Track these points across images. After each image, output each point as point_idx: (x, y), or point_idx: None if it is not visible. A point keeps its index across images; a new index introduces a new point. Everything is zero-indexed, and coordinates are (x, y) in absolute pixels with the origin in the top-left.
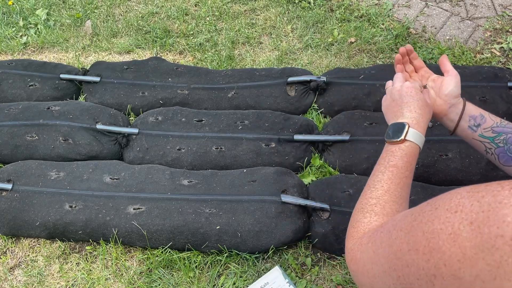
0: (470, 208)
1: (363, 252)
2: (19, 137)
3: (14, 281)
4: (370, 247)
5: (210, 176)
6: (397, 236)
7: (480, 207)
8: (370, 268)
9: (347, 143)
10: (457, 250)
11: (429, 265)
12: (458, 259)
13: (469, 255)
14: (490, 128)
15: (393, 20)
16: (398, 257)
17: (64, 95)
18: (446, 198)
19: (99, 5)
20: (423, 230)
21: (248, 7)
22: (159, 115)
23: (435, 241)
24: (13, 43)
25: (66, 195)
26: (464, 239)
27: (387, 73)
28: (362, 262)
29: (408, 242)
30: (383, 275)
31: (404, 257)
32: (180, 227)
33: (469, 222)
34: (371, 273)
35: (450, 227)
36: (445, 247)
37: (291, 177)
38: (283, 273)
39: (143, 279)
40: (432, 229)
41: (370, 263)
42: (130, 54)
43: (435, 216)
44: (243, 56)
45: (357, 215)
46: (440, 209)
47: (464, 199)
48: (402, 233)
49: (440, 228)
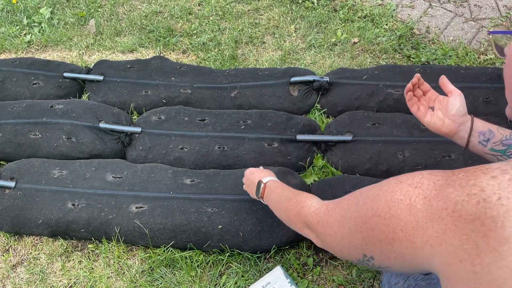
0: (427, 187)
1: (330, 216)
2: (22, 135)
3: (16, 278)
4: (338, 212)
5: (212, 175)
6: (364, 203)
7: (434, 187)
8: (338, 230)
9: (350, 144)
10: (412, 219)
11: (389, 230)
12: (413, 226)
13: (421, 224)
14: (500, 142)
15: (396, 20)
16: (364, 221)
17: (67, 93)
18: (410, 176)
19: (102, 4)
20: (386, 199)
21: (252, 7)
22: (162, 114)
23: (395, 209)
24: (17, 42)
25: (68, 193)
26: (418, 210)
27: (390, 74)
28: (329, 224)
29: (373, 208)
30: (350, 237)
31: (369, 221)
32: (182, 226)
33: (423, 197)
34: (339, 234)
35: (408, 199)
36: (403, 215)
37: (294, 177)
38: (285, 273)
39: (145, 277)
40: (394, 199)
41: (338, 226)
42: (134, 53)
43: (398, 189)
44: (246, 56)
45: (296, 209)
46: (404, 183)
47: (424, 179)
48: (368, 200)
49: (400, 199)
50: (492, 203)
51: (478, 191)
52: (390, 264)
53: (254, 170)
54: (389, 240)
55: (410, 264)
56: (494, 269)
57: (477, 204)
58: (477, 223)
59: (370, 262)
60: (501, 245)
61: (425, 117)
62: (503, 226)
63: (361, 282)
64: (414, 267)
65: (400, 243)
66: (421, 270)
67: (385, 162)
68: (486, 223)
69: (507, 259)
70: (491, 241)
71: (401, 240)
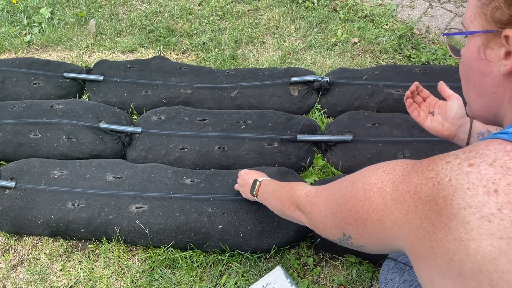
0: (397, 172)
1: (318, 197)
2: (22, 135)
3: (16, 278)
4: (324, 194)
5: (212, 175)
6: (345, 186)
7: (402, 173)
8: (323, 209)
9: (350, 144)
10: (381, 201)
11: (363, 210)
12: (382, 208)
13: (389, 205)
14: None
15: (397, 20)
16: (344, 202)
17: (67, 93)
18: (387, 163)
19: (103, 4)
20: (363, 182)
21: (252, 7)
22: (162, 114)
23: (369, 192)
24: (17, 42)
25: (69, 193)
26: (387, 193)
27: (391, 74)
28: (316, 204)
29: (352, 191)
30: (333, 216)
31: (348, 202)
32: (183, 226)
33: (392, 182)
34: (323, 214)
35: (380, 183)
36: (374, 198)
37: (294, 177)
38: (285, 273)
39: (145, 277)
40: (369, 183)
41: (323, 206)
42: (134, 53)
43: (374, 174)
44: (246, 56)
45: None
46: (379, 169)
47: (397, 166)
48: (349, 183)
49: (374, 183)
50: (443, 184)
51: (434, 175)
52: (365, 243)
53: (249, 171)
54: (363, 220)
55: (382, 243)
56: (445, 242)
57: (432, 186)
58: (433, 203)
59: (348, 241)
60: (450, 220)
61: (426, 122)
62: (452, 204)
63: (361, 282)
64: (387, 246)
65: (372, 223)
66: (393, 249)
67: None
68: (439, 202)
69: (455, 233)
70: (443, 218)
71: (373, 220)
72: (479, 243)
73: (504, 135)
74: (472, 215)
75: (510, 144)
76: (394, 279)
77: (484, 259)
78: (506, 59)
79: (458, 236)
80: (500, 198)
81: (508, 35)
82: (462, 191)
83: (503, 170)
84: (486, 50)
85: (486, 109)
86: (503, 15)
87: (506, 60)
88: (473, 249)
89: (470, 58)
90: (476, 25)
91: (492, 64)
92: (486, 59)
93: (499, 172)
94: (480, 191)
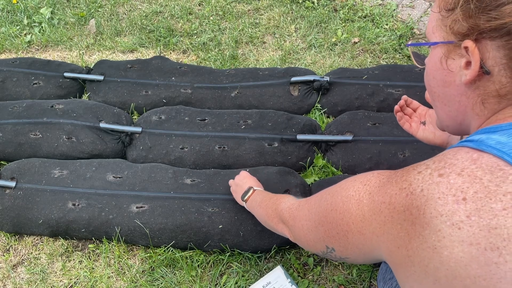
0: (374, 184)
1: (300, 211)
2: (22, 135)
3: (17, 278)
4: (306, 207)
5: (213, 175)
6: (325, 199)
7: (378, 184)
8: (305, 223)
9: (350, 143)
10: (359, 213)
11: (343, 223)
12: (361, 219)
13: (367, 216)
14: None
15: (397, 20)
16: (325, 215)
17: (67, 93)
18: (364, 175)
19: (103, 4)
20: (342, 195)
21: (252, 7)
22: (162, 114)
23: (347, 204)
24: (17, 42)
25: (69, 193)
26: (364, 204)
27: (391, 74)
28: (298, 218)
29: (332, 203)
30: (315, 230)
31: (329, 215)
32: (183, 226)
33: (369, 193)
34: (305, 227)
35: (357, 195)
36: (353, 210)
37: (294, 176)
38: (285, 273)
39: (145, 277)
40: (347, 195)
41: (305, 219)
42: (134, 53)
43: (352, 186)
44: (247, 56)
45: (276, 210)
46: (357, 181)
47: (373, 178)
48: (329, 196)
49: (352, 195)
50: (416, 194)
51: (407, 185)
52: (349, 254)
53: (249, 177)
54: (344, 232)
55: (365, 253)
56: (421, 251)
57: (406, 196)
58: (407, 213)
59: (332, 254)
60: (424, 229)
61: (418, 133)
62: (424, 213)
63: (361, 282)
64: (370, 257)
65: (353, 235)
66: (375, 259)
67: (386, 162)
68: (413, 212)
69: (429, 241)
70: (417, 227)
71: (354, 232)
72: (451, 250)
73: (469, 143)
74: (443, 223)
75: (476, 152)
76: (392, 278)
77: (457, 265)
78: (467, 69)
79: (431, 244)
80: (469, 206)
81: (467, 46)
82: (434, 200)
83: (470, 179)
84: (447, 61)
85: (452, 118)
86: (461, 27)
87: (466, 70)
88: (446, 256)
89: (433, 68)
90: (438, 36)
91: (453, 74)
92: (448, 69)
93: (467, 181)
94: (450, 200)
